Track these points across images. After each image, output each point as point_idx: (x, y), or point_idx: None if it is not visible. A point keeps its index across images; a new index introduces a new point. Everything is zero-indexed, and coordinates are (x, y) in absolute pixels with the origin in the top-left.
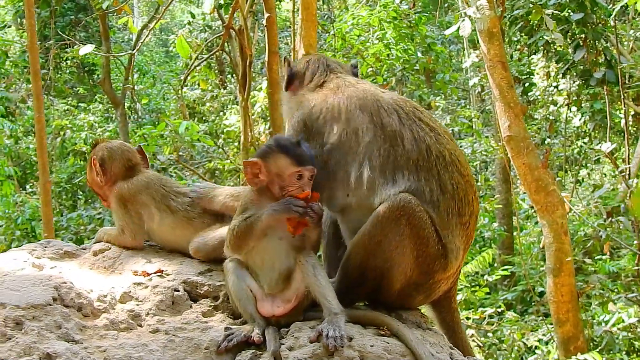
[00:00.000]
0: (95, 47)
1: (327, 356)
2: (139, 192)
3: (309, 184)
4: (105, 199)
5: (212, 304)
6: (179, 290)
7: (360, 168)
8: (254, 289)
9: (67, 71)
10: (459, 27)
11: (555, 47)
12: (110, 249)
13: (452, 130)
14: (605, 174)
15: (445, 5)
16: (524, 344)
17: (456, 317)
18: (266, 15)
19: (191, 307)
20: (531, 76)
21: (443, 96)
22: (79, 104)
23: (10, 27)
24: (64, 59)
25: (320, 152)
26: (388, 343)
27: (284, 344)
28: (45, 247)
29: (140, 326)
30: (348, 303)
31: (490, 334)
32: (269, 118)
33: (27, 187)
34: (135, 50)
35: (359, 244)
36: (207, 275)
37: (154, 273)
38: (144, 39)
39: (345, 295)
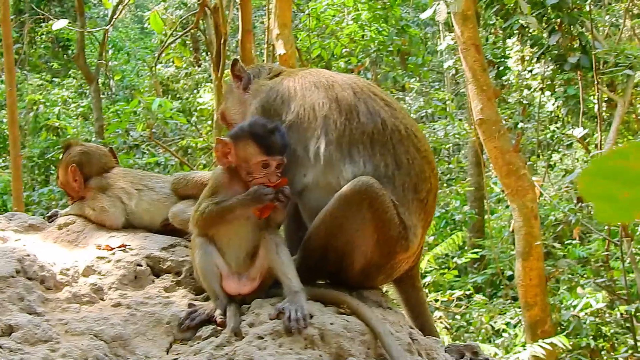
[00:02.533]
0: (70, 22)
1: (287, 334)
2: (116, 181)
3: (275, 173)
4: (75, 198)
5: (175, 279)
6: (141, 265)
7: (317, 142)
8: (221, 267)
9: (42, 46)
10: (434, 11)
11: (530, 31)
12: (74, 222)
13: (426, 112)
14: (577, 159)
15: None
16: (492, 326)
17: (421, 297)
18: None
19: (153, 282)
20: (505, 60)
21: (417, 78)
22: (53, 79)
23: None
24: (39, 33)
25: None
26: (348, 321)
27: (244, 320)
28: (10, 219)
29: (103, 300)
30: (309, 281)
31: (458, 317)
32: None
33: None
34: (109, 26)
35: (320, 225)
36: (170, 250)
37: (117, 247)
38: (119, 15)
39: (306, 274)
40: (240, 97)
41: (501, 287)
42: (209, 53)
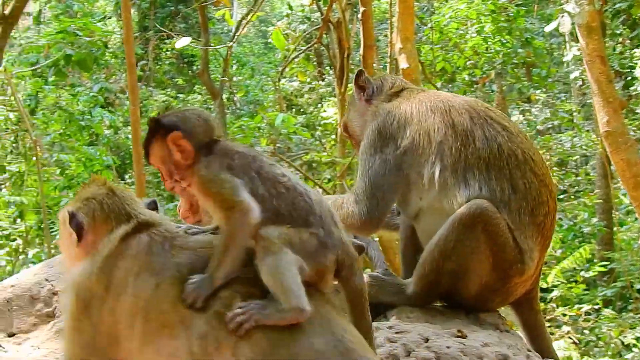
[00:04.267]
0: (194, 39)
1: (404, 356)
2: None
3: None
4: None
5: None
6: None
7: (432, 168)
8: None
9: (167, 62)
10: (558, 24)
11: None
12: None
13: (552, 124)
14: None
15: None
16: (622, 341)
17: (539, 320)
18: (362, 9)
19: None
20: (633, 70)
21: (543, 89)
22: (178, 95)
23: (110, 18)
24: (164, 50)
25: (394, 156)
26: (464, 345)
27: None
28: None
29: None
30: (425, 304)
31: (587, 331)
32: None
33: (126, 177)
34: (233, 42)
35: (435, 249)
36: None
37: None
38: (242, 31)
39: (422, 297)
40: (362, 109)
41: (631, 300)
42: (332, 67)
